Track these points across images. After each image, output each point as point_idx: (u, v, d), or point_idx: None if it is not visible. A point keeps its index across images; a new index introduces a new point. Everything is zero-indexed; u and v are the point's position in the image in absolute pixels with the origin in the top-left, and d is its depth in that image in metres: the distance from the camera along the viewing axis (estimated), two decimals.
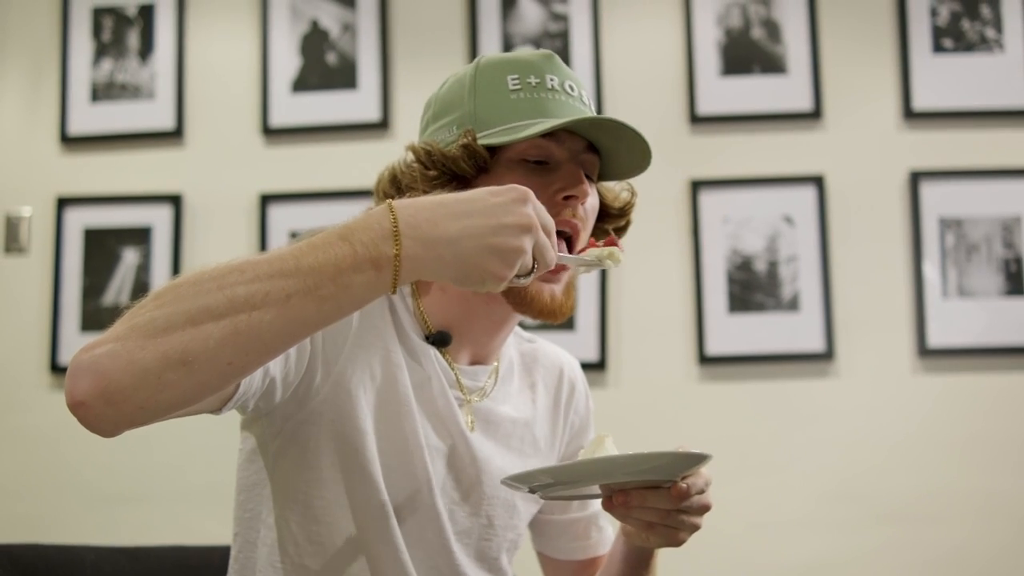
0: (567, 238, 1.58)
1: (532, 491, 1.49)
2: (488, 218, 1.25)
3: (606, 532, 1.89)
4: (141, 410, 1.18)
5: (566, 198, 1.56)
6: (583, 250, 1.56)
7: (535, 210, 1.29)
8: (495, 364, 1.72)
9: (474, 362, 1.69)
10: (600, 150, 1.63)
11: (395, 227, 1.22)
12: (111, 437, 1.22)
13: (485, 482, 1.65)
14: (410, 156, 1.61)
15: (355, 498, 1.55)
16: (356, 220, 1.25)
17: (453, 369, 1.64)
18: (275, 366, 1.41)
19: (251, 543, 1.60)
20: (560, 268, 1.57)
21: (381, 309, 1.60)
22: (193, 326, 1.17)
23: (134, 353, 1.16)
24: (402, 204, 1.25)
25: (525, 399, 1.76)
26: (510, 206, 1.27)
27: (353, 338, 1.54)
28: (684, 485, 1.42)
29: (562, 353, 1.89)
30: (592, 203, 1.62)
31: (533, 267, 1.30)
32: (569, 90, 1.61)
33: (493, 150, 1.57)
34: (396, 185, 1.63)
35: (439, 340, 1.63)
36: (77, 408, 1.17)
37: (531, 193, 1.29)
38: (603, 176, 1.67)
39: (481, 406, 1.67)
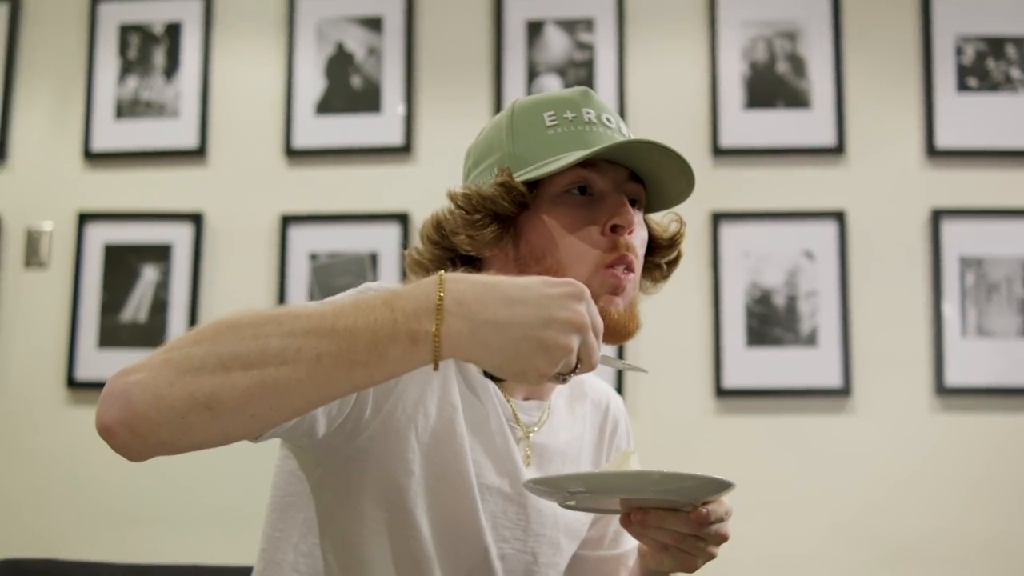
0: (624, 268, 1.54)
1: (564, 504, 1.48)
2: (540, 309, 1.19)
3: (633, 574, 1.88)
4: (164, 445, 1.18)
5: (613, 228, 1.53)
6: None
7: (588, 309, 1.23)
8: (550, 399, 1.71)
9: (529, 397, 1.67)
10: (643, 179, 1.61)
11: (440, 302, 1.18)
12: (139, 462, 1.22)
13: (533, 518, 1.64)
14: (450, 203, 1.59)
15: (395, 538, 1.53)
16: (407, 287, 1.21)
17: (510, 403, 1.63)
18: None
19: (277, 563, 1.58)
20: (623, 285, 1.54)
21: None
22: (223, 371, 1.16)
23: (162, 388, 1.15)
24: (453, 278, 1.20)
25: (574, 433, 1.75)
26: (564, 301, 1.21)
27: (407, 376, 1.48)
28: (704, 511, 1.41)
29: (608, 388, 1.88)
30: (641, 235, 1.60)
31: (575, 367, 1.24)
32: (607, 122, 1.60)
33: (534, 186, 1.56)
34: (440, 231, 1.60)
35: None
36: (104, 433, 1.17)
37: (587, 291, 1.23)
38: (649, 208, 1.65)
39: (537, 440, 1.66)
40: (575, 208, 1.55)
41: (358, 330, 1.17)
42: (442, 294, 1.18)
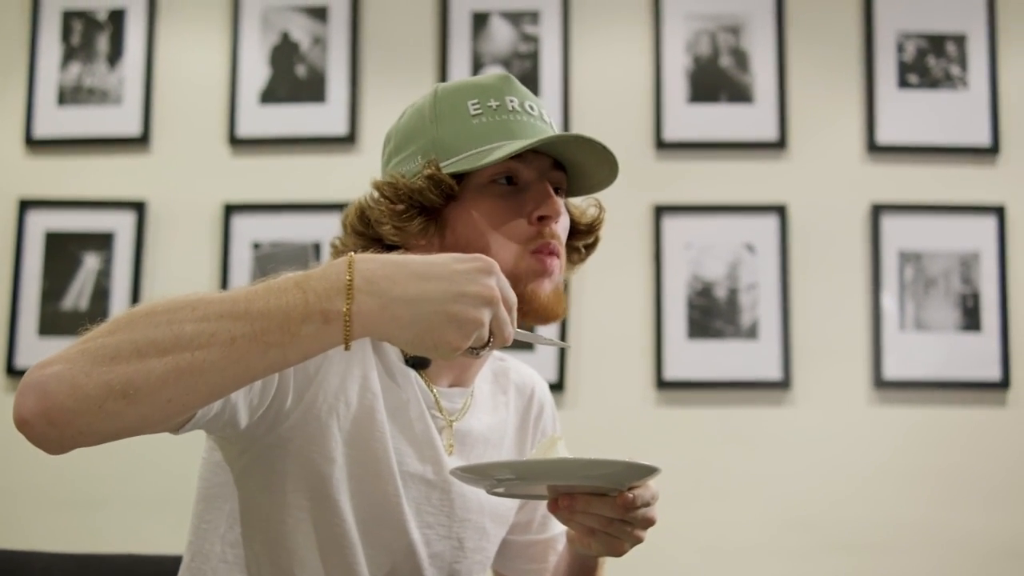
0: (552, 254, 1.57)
1: (491, 492, 1.50)
2: (450, 284, 1.21)
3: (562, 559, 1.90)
4: (83, 435, 1.18)
5: (540, 219, 1.55)
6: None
7: (498, 283, 1.25)
8: (473, 386, 1.72)
9: (453, 384, 1.69)
10: (566, 167, 1.62)
11: (350, 281, 1.20)
12: (58, 455, 1.23)
13: (457, 504, 1.65)
14: (375, 192, 1.60)
15: (320, 526, 1.54)
16: (317, 269, 1.23)
17: (432, 392, 1.64)
18: (237, 393, 1.38)
19: (204, 555, 1.59)
20: (550, 268, 1.56)
21: None
22: (139, 359, 1.16)
23: (78, 378, 1.16)
24: (363, 258, 1.22)
25: (497, 418, 1.77)
26: (474, 275, 1.23)
27: (327, 364, 1.51)
28: (630, 496, 1.42)
29: (533, 373, 1.90)
30: (564, 222, 1.62)
31: (488, 341, 1.26)
32: (530, 110, 1.60)
33: (460, 176, 1.57)
34: (364, 221, 1.61)
35: (418, 363, 1.62)
36: (22, 426, 1.18)
37: (496, 265, 1.26)
38: (570, 192, 1.67)
39: (460, 427, 1.67)
40: (501, 199, 1.56)
41: (271, 312, 1.18)
42: (352, 273, 1.20)
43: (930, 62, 3.56)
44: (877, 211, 3.47)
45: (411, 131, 1.62)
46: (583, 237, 1.72)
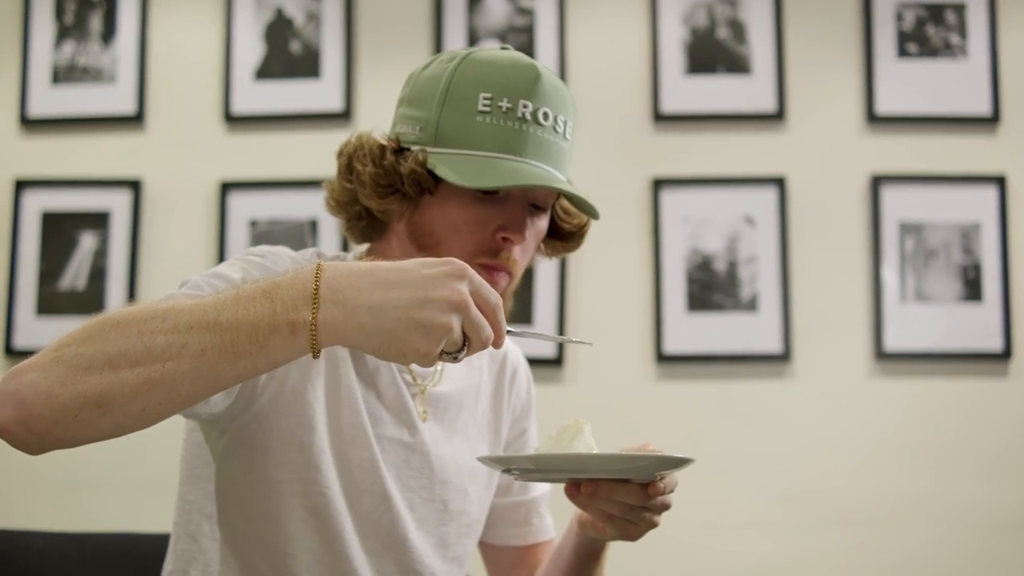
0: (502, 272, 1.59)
1: (508, 471, 1.52)
2: (415, 291, 1.20)
3: (546, 519, 1.93)
4: (60, 441, 1.20)
5: (503, 238, 1.56)
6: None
7: (472, 286, 1.23)
8: None
9: None
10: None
11: (315, 290, 1.19)
12: (37, 455, 1.24)
13: (436, 466, 1.67)
14: (366, 150, 1.60)
15: (306, 497, 1.55)
16: (285, 276, 1.22)
17: None
18: None
19: (190, 535, 1.62)
20: (495, 282, 1.56)
21: None
22: (111, 370, 1.17)
23: (54, 388, 1.17)
24: (330, 266, 1.22)
25: (471, 383, 1.78)
26: (441, 280, 1.21)
27: None
28: (662, 485, 1.45)
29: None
30: (536, 230, 1.62)
31: (465, 345, 1.25)
32: (542, 119, 1.57)
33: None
34: (350, 169, 1.61)
35: None
36: (1, 433, 1.19)
37: (469, 269, 1.23)
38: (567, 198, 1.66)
39: (432, 393, 1.69)
40: (474, 204, 1.56)
41: (239, 323, 1.18)
42: (318, 282, 1.20)
43: (929, 31, 3.54)
44: (877, 182, 3.45)
45: (424, 94, 1.61)
46: (564, 240, 1.73)
